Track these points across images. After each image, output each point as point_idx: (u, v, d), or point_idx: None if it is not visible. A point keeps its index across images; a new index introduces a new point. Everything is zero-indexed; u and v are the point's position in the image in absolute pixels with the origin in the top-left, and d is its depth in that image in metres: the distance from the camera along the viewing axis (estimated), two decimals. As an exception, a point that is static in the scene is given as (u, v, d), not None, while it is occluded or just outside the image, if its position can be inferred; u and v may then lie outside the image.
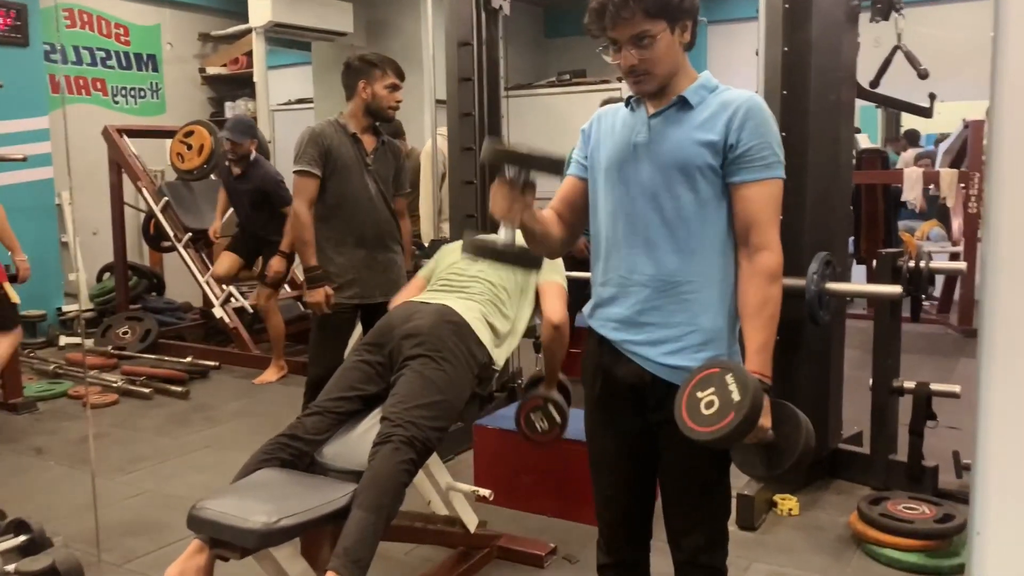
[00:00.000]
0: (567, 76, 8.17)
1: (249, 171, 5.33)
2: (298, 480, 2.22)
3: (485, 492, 2.63)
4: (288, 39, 7.59)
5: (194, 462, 3.99)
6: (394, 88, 3.59)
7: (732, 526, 3.09)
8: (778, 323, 1.74)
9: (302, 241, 3.48)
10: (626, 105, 1.82)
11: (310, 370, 3.52)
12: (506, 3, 4.28)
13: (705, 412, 1.61)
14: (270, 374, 5.41)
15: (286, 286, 6.37)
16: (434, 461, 2.54)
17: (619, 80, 7.93)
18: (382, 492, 2.10)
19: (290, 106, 8.88)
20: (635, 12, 1.64)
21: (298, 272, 6.41)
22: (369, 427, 2.31)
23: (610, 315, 1.81)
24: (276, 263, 5.19)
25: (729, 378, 1.61)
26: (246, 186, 5.36)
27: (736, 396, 1.58)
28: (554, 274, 2.74)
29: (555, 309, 2.67)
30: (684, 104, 1.72)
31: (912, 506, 2.99)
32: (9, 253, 4.44)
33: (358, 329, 3.70)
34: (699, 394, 1.63)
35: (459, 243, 3.09)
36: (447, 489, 2.61)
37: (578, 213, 1.89)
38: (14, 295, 4.17)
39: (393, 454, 2.14)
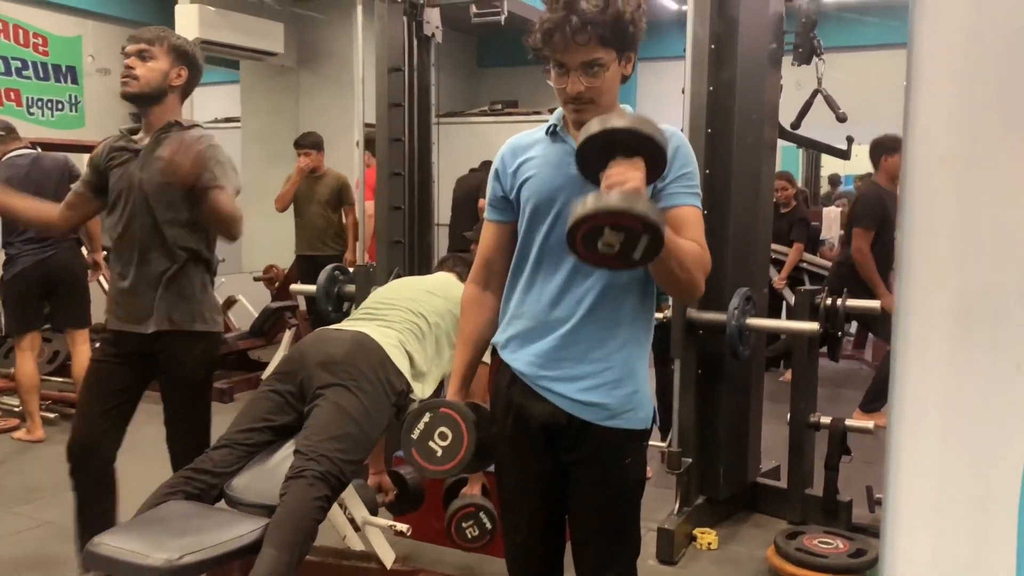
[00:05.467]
0: (499, 106, 8.24)
1: None
2: (205, 514, 2.12)
3: (403, 527, 2.56)
4: (216, 57, 7.44)
5: (98, 492, 3.79)
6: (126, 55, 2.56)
7: (652, 560, 3.09)
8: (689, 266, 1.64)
9: None
10: (547, 133, 1.78)
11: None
12: (439, 31, 4.27)
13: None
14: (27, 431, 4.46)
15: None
16: (349, 494, 2.47)
17: (550, 112, 8.02)
18: (295, 530, 2.02)
19: (216, 124, 8.72)
20: (591, 38, 1.60)
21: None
22: (281, 459, 2.23)
23: (527, 349, 1.77)
24: None
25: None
26: None
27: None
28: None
29: (478, 395, 2.62)
30: None
31: (827, 540, 3.03)
32: None
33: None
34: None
35: (400, 280, 3.02)
36: (363, 523, 2.53)
37: (504, 264, 1.83)
38: None
39: (307, 490, 2.07)
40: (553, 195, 1.72)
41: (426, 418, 1.80)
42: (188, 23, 6.64)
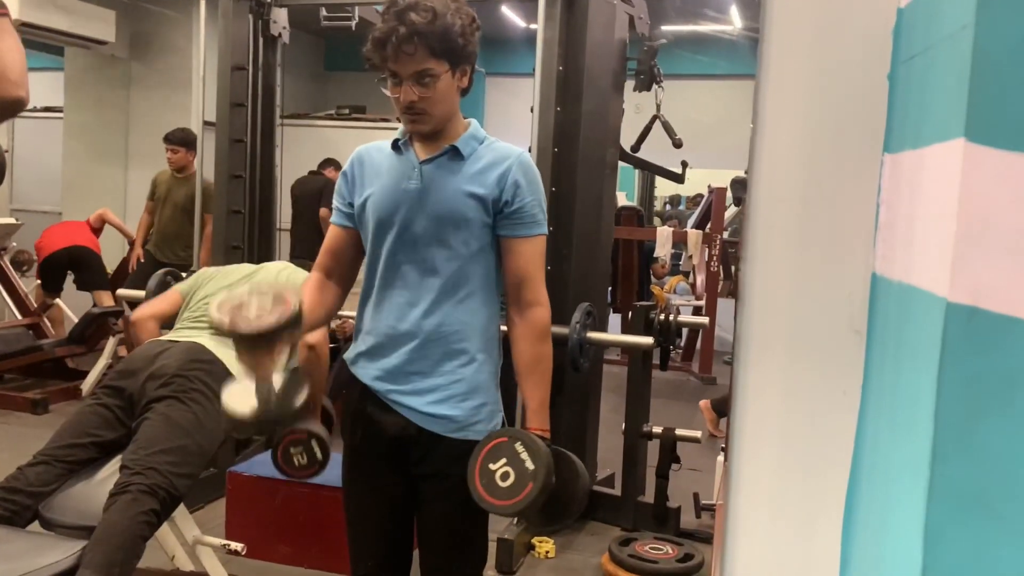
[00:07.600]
0: (346, 110, 8.09)
1: None
2: (15, 538, 1.95)
3: (237, 545, 2.46)
4: (37, 41, 6.89)
5: None
6: None
7: (491, 571, 3.11)
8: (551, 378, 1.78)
9: None
10: (392, 147, 1.78)
11: None
12: (286, 31, 4.16)
13: (502, 484, 1.62)
14: None
15: (16, 313, 5.72)
16: (180, 511, 2.34)
17: (398, 119, 7.96)
18: (115, 548, 1.89)
19: (35, 114, 8.07)
20: (419, 48, 1.62)
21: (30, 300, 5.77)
22: (106, 476, 2.09)
23: (376, 365, 1.77)
24: None
25: (519, 447, 1.63)
26: None
27: (530, 465, 1.61)
28: None
29: (311, 334, 2.55)
30: (455, 154, 1.73)
31: (657, 546, 3.17)
32: None
33: None
34: (491, 466, 1.63)
35: (224, 268, 2.92)
36: (194, 543, 2.41)
37: (347, 264, 1.84)
38: None
39: (131, 505, 1.94)
40: (393, 211, 1.73)
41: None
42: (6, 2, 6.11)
